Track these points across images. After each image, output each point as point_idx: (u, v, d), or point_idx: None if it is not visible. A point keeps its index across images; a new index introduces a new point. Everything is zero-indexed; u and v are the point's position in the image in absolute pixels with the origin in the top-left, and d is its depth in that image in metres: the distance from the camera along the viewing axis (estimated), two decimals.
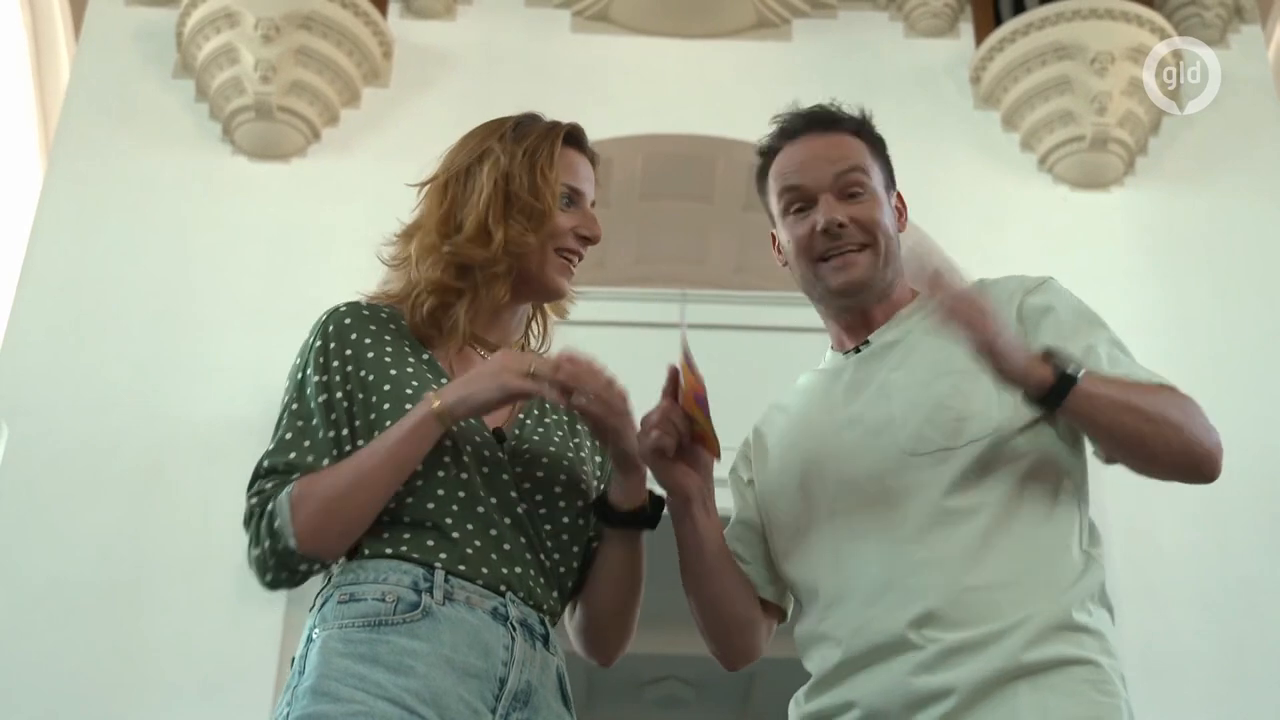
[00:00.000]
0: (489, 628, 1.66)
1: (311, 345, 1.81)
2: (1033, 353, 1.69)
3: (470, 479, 1.72)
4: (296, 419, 1.76)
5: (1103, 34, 7.02)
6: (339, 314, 1.84)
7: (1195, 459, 1.72)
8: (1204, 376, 6.54)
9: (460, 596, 1.66)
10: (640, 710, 8.11)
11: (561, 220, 1.86)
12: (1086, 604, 1.69)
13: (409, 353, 1.81)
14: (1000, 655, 1.62)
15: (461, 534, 1.69)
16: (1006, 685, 1.60)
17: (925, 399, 1.78)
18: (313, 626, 1.67)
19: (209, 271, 6.54)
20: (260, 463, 1.75)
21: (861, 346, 1.91)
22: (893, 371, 1.84)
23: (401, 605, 1.63)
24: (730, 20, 7.58)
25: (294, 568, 1.68)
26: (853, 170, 1.89)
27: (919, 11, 7.56)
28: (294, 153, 6.95)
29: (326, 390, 1.76)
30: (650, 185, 7.72)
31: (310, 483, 1.68)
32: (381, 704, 1.56)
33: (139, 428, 6.11)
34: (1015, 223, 6.90)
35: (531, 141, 1.87)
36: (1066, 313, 1.83)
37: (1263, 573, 5.97)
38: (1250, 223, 6.86)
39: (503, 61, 7.34)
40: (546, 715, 1.69)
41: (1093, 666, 1.64)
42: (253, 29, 6.82)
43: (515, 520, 1.74)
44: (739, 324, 6.43)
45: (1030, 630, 1.63)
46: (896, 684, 1.65)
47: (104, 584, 5.75)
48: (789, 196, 1.92)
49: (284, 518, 1.66)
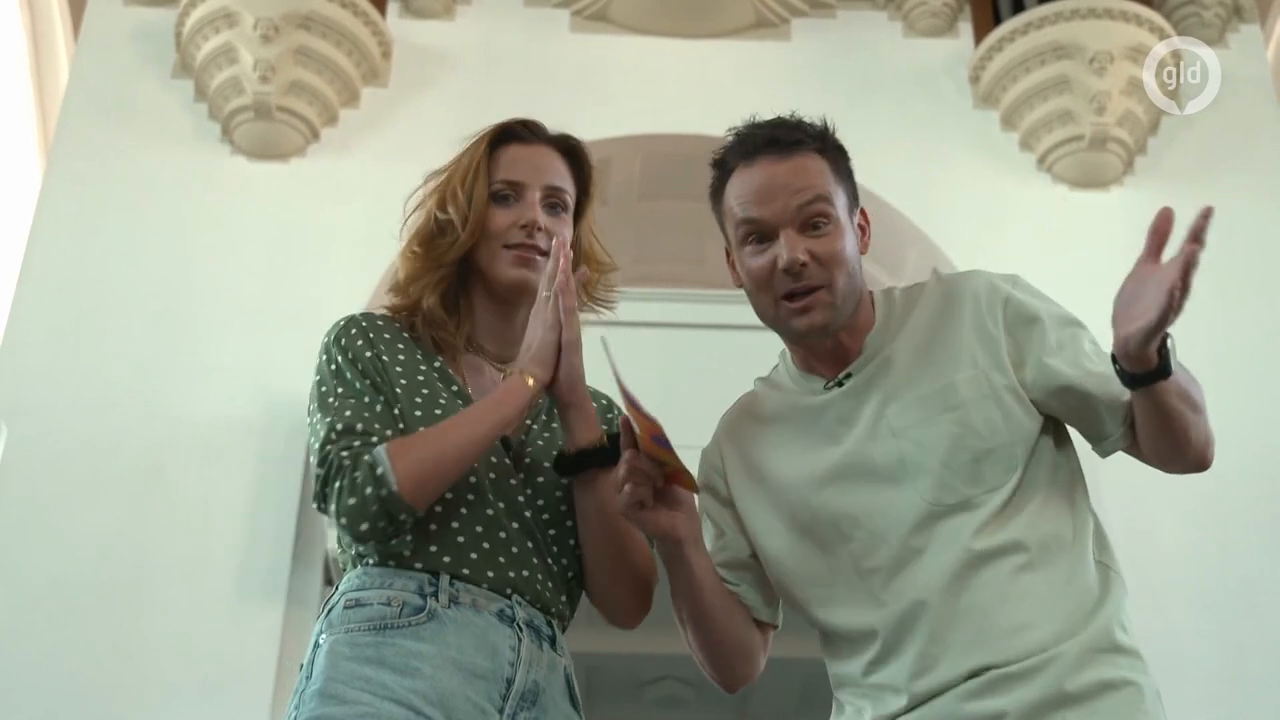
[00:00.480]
0: (495, 629, 1.66)
1: (334, 343, 1.83)
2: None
3: (479, 483, 1.73)
4: (348, 397, 1.76)
5: (1102, 33, 7.01)
6: (355, 320, 1.86)
7: (1209, 449, 1.73)
8: (1203, 376, 6.48)
9: (466, 600, 1.67)
10: (640, 710, 8.10)
11: (498, 219, 1.87)
12: (1123, 622, 1.70)
13: (420, 360, 1.82)
14: (1044, 683, 1.62)
15: (468, 538, 1.70)
16: (1054, 712, 1.61)
17: (935, 440, 1.74)
18: (320, 632, 1.67)
19: (208, 271, 6.54)
20: (331, 427, 1.72)
21: (844, 380, 1.83)
22: (885, 406, 1.79)
23: (407, 609, 1.64)
24: (729, 20, 7.58)
25: (395, 515, 1.65)
26: (815, 201, 1.78)
27: (918, 11, 7.55)
28: (293, 153, 6.95)
29: (365, 376, 1.77)
30: (649, 185, 7.71)
31: (404, 440, 1.69)
32: (388, 705, 1.57)
33: (139, 428, 6.11)
34: (1014, 222, 6.90)
35: (468, 150, 1.91)
36: (1050, 319, 1.81)
37: (1263, 573, 5.97)
38: (1250, 223, 6.85)
39: (502, 61, 7.33)
40: (554, 715, 1.70)
41: (1134, 689, 1.65)
42: (252, 29, 6.82)
43: (523, 524, 1.75)
44: (738, 324, 6.41)
45: (1069, 658, 1.63)
46: (949, 711, 1.65)
47: (104, 584, 5.74)
48: (746, 228, 1.82)
49: (385, 465, 1.65)
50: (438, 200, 1.89)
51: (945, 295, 1.87)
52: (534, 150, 1.92)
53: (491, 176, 1.89)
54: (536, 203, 1.88)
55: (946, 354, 1.80)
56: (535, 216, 1.87)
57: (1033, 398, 1.77)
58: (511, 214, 1.87)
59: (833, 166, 1.85)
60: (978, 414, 1.74)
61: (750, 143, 1.87)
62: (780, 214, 1.79)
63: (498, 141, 1.93)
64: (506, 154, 1.91)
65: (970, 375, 1.77)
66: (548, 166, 1.91)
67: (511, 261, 1.86)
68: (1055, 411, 1.78)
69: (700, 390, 5.23)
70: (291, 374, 6.08)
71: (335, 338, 1.83)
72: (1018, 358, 1.78)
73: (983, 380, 1.76)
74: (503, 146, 1.92)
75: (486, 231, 1.86)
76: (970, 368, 1.77)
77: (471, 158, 1.90)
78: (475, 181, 1.87)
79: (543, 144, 1.94)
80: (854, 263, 1.82)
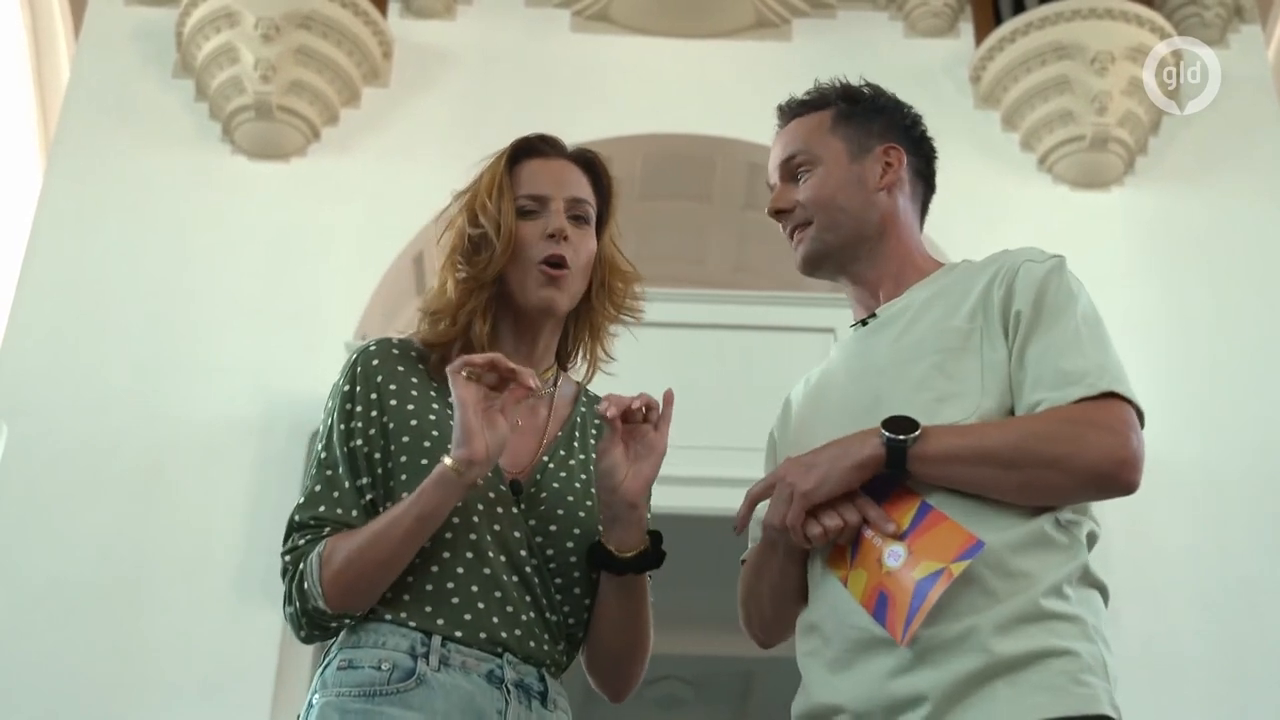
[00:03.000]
0: (483, 692, 1.66)
1: (340, 389, 1.81)
2: (867, 429, 1.68)
3: (479, 539, 1.72)
4: (325, 469, 1.77)
5: (1102, 34, 7.02)
6: (367, 354, 1.83)
7: (1090, 487, 1.68)
8: (1203, 376, 6.56)
9: (456, 661, 1.67)
10: (639, 710, 8.09)
11: (525, 232, 1.84)
12: (1063, 588, 1.64)
13: (434, 396, 1.80)
14: (974, 650, 1.58)
15: (463, 597, 1.69)
16: (984, 685, 1.56)
17: (907, 378, 1.76)
18: (314, 691, 1.69)
19: (208, 271, 6.54)
20: (292, 517, 1.76)
21: (869, 319, 1.91)
22: (888, 348, 1.83)
23: (397, 674, 1.64)
24: (729, 20, 7.58)
25: (325, 625, 1.71)
26: (794, 156, 1.97)
27: (919, 11, 7.56)
28: (294, 152, 6.95)
29: (351, 438, 1.76)
30: (649, 185, 7.71)
31: (338, 540, 1.70)
32: None
33: (138, 428, 6.11)
34: (1015, 222, 6.89)
35: (484, 174, 1.88)
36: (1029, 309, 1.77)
37: (1263, 573, 5.97)
38: (1250, 222, 6.86)
39: (502, 61, 7.34)
40: None
41: (1070, 656, 1.59)
42: (252, 28, 6.82)
43: (523, 579, 1.73)
44: (738, 324, 6.42)
45: (999, 619, 1.59)
46: (877, 688, 1.62)
47: (104, 584, 5.75)
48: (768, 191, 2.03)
49: (313, 578, 1.68)
50: (469, 216, 1.86)
51: (990, 260, 1.88)
52: (554, 164, 1.90)
53: (515, 192, 1.87)
54: (561, 212, 1.86)
55: (953, 302, 1.82)
56: (562, 224, 1.84)
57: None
58: (537, 226, 1.84)
59: (836, 115, 1.99)
60: (957, 362, 1.75)
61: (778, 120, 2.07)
62: (773, 169, 2.01)
63: (516, 157, 1.91)
64: (526, 169, 1.89)
65: (965, 327, 1.78)
66: (568, 179, 1.90)
67: (540, 281, 1.83)
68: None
69: (700, 390, 5.25)
70: (291, 374, 6.09)
71: (350, 370, 1.81)
72: (1006, 325, 1.77)
73: (975, 334, 1.77)
74: (522, 162, 1.90)
75: (517, 247, 1.83)
76: (968, 320, 1.78)
77: (493, 174, 1.87)
78: (501, 197, 1.85)
79: (561, 158, 1.92)
80: (839, 201, 1.93)
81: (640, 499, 1.72)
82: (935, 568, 1.59)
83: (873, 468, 1.67)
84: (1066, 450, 1.64)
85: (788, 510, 1.67)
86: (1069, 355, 1.71)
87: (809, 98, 2.02)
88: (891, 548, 1.64)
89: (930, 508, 1.65)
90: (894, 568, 1.62)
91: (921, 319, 1.82)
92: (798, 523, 1.67)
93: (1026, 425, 1.68)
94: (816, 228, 1.93)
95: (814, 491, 1.67)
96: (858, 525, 1.67)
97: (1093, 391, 1.67)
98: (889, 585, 1.62)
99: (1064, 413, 1.67)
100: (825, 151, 1.96)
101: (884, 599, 1.62)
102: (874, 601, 1.62)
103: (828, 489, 1.67)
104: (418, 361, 1.83)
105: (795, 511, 1.67)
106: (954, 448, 1.66)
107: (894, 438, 1.65)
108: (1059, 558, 1.66)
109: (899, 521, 1.65)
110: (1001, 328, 1.77)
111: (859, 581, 1.65)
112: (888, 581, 1.62)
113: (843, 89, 2.03)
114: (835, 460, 1.67)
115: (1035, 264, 1.80)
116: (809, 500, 1.67)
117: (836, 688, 1.67)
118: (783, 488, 1.69)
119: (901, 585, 1.60)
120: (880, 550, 1.65)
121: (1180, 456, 6.10)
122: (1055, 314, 1.75)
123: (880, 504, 1.68)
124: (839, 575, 1.68)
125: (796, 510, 1.67)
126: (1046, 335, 1.74)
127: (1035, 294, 1.77)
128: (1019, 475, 1.65)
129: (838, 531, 1.67)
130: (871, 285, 1.93)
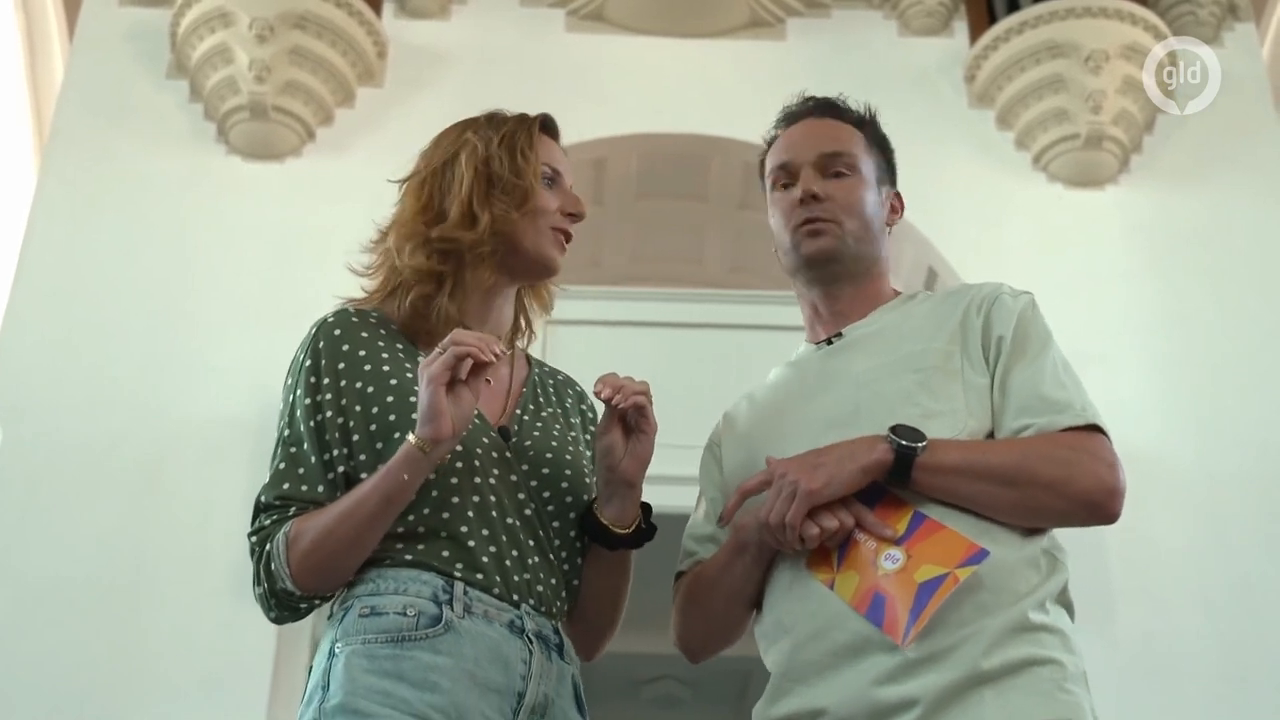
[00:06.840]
0: (508, 641, 1.68)
1: (301, 364, 1.80)
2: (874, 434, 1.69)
3: (483, 483, 1.73)
4: (289, 446, 1.76)
5: (1097, 32, 7.02)
6: (327, 326, 1.83)
7: (1080, 512, 1.71)
8: (1200, 375, 6.56)
9: (479, 609, 1.67)
10: (637, 709, 8.10)
11: (547, 199, 1.88)
12: (1045, 604, 1.67)
13: (404, 357, 1.80)
14: (961, 664, 1.59)
15: (477, 541, 1.70)
16: (971, 691, 1.58)
17: (889, 392, 1.77)
18: (334, 640, 1.67)
19: (205, 271, 6.54)
20: (258, 498, 1.75)
21: (834, 339, 1.91)
22: (861, 363, 1.83)
23: (424, 620, 1.64)
24: (725, 19, 7.58)
25: (294, 606, 1.72)
26: (840, 154, 1.94)
27: (913, 10, 7.56)
28: (288, 153, 6.95)
29: (318, 411, 1.76)
30: (645, 184, 7.72)
31: (304, 521, 1.69)
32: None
33: (138, 427, 6.11)
34: (1010, 221, 6.90)
35: (509, 127, 1.90)
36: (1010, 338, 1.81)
37: (1263, 573, 5.97)
38: (1245, 220, 6.86)
39: (497, 61, 7.33)
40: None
41: (1056, 665, 1.62)
42: (247, 29, 6.81)
43: (525, 521, 1.75)
44: (736, 323, 6.42)
45: (987, 637, 1.61)
46: (861, 693, 1.62)
47: (104, 583, 5.75)
48: (776, 174, 1.97)
49: (280, 559, 1.68)
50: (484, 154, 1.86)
51: (956, 290, 1.93)
52: (559, 147, 1.96)
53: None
54: (575, 194, 1.93)
55: (929, 325, 1.84)
56: (584, 207, 1.92)
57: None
58: (557, 198, 1.90)
59: (867, 139, 1.99)
60: (944, 381, 1.77)
61: (797, 109, 2.03)
62: (803, 155, 1.94)
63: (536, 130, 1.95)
64: (544, 142, 1.93)
65: (945, 349, 1.80)
66: (568, 165, 1.96)
67: (554, 242, 1.88)
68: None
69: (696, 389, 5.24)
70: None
71: (310, 344, 1.81)
72: (986, 352, 1.81)
73: (956, 357, 1.79)
74: (540, 136, 1.93)
75: (538, 208, 1.87)
76: (947, 343, 1.81)
77: (529, 132, 1.90)
78: (531, 152, 1.88)
79: (559, 145, 1.98)
80: (870, 217, 1.93)
81: (638, 478, 1.76)
82: (938, 572, 1.60)
83: (876, 473, 1.68)
84: (1064, 474, 1.68)
85: (788, 508, 1.67)
86: (1052, 386, 1.76)
87: (847, 107, 2.02)
88: (889, 551, 1.65)
89: (925, 516, 1.66)
90: (892, 570, 1.63)
91: (898, 339, 1.84)
92: (798, 521, 1.67)
93: (1028, 446, 1.71)
94: (847, 230, 1.91)
95: (820, 491, 1.67)
96: (851, 529, 1.68)
97: (1080, 422, 1.72)
98: (887, 587, 1.62)
99: (1060, 439, 1.70)
100: (864, 166, 1.97)
101: (880, 600, 1.62)
102: (868, 603, 1.63)
103: (834, 489, 1.67)
104: (379, 326, 1.84)
105: (798, 509, 1.66)
106: (959, 461, 1.68)
107: (905, 445, 1.66)
108: (1045, 576, 1.70)
109: (894, 528, 1.66)
110: (982, 353, 1.80)
111: (849, 584, 1.65)
112: (885, 583, 1.62)
113: (871, 119, 2.03)
114: (842, 462, 1.67)
115: (1010, 297, 1.85)
116: (814, 499, 1.66)
117: (819, 692, 1.66)
118: (783, 485, 1.68)
119: (902, 587, 1.61)
120: (874, 553, 1.65)
121: (1177, 456, 6.11)
122: (1038, 347, 1.80)
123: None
124: (822, 578, 1.68)
125: (799, 508, 1.66)
126: (1030, 365, 1.78)
127: (1016, 324, 1.81)
128: (1016, 494, 1.67)
129: (832, 533, 1.67)
130: (845, 306, 1.93)
